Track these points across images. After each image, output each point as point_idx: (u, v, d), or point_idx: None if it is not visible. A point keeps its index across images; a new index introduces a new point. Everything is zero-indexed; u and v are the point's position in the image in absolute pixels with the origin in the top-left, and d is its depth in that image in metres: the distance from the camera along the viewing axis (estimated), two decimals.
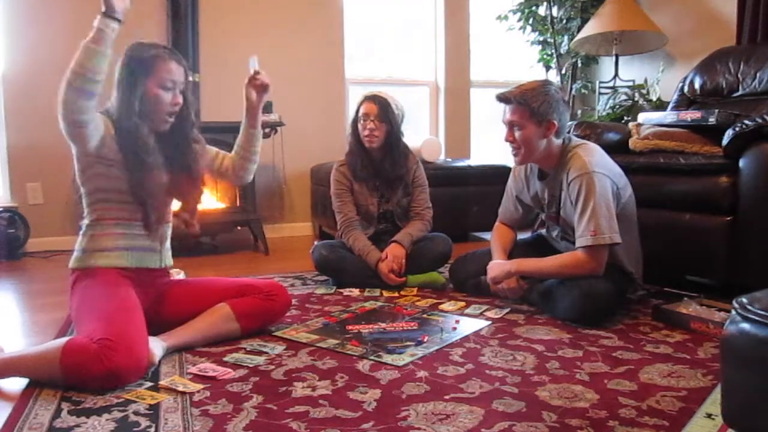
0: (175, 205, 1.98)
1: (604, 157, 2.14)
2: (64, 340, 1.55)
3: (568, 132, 2.70)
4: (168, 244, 1.96)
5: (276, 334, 1.96)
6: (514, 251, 2.37)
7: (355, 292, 2.55)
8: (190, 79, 1.88)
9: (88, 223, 1.81)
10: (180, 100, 1.82)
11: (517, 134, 2.11)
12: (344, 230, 2.70)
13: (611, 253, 2.07)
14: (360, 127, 2.67)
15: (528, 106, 2.07)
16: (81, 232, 1.83)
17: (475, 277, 2.45)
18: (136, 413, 1.40)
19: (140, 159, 1.75)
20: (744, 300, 1.03)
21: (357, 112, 2.70)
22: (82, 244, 1.81)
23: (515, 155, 2.17)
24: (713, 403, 1.42)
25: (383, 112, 2.64)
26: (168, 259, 1.96)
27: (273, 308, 1.98)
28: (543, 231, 2.49)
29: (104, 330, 1.53)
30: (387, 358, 1.73)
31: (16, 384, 1.57)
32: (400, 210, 2.76)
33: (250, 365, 1.68)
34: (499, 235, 2.43)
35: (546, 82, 2.17)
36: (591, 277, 2.03)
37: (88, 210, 1.82)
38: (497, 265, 2.25)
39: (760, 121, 2.14)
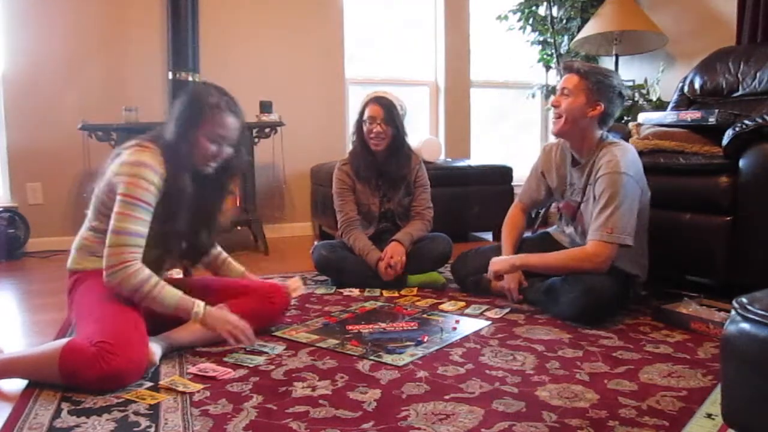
0: None
1: (636, 160, 2.14)
2: (63, 341, 1.55)
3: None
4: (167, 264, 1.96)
5: (276, 334, 1.96)
6: (521, 249, 2.37)
7: (355, 292, 2.55)
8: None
9: (95, 226, 1.79)
10: (224, 154, 1.81)
11: (564, 102, 2.13)
12: (345, 229, 2.70)
13: (617, 255, 2.07)
14: (365, 129, 2.67)
15: (585, 78, 2.11)
16: (82, 233, 1.83)
17: (475, 275, 2.45)
18: (136, 413, 1.40)
19: (174, 201, 1.74)
20: (744, 300, 1.03)
21: (362, 113, 2.69)
22: (82, 246, 1.81)
23: (554, 124, 2.18)
24: (713, 403, 1.42)
25: (389, 114, 2.63)
26: (163, 273, 1.95)
27: (272, 309, 1.98)
28: (550, 229, 2.49)
29: (102, 332, 1.53)
30: (387, 358, 1.73)
31: (16, 384, 1.58)
32: (402, 210, 2.76)
33: (250, 365, 1.68)
34: (511, 228, 2.43)
35: (613, 71, 2.23)
36: (594, 274, 2.04)
37: (99, 216, 1.79)
38: (502, 259, 2.26)
39: (760, 121, 2.14)
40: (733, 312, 1.03)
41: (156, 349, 1.67)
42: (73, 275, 1.80)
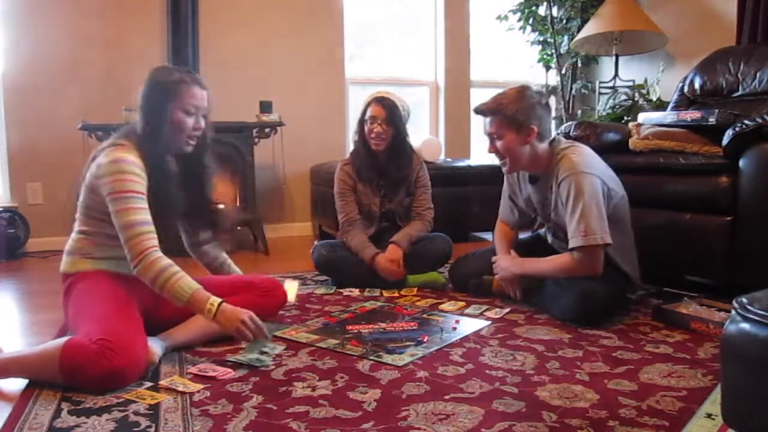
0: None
1: (594, 158, 2.13)
2: (63, 339, 1.55)
3: (565, 133, 2.71)
4: None
5: (276, 334, 1.96)
6: (516, 250, 2.37)
7: (355, 292, 2.55)
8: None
9: (84, 230, 1.81)
10: (202, 125, 1.84)
11: (498, 144, 2.11)
12: (344, 229, 2.70)
13: (607, 255, 2.07)
14: (367, 129, 2.67)
15: (503, 115, 2.07)
16: (73, 237, 1.84)
17: (475, 277, 2.45)
18: (136, 413, 1.40)
19: (164, 188, 1.77)
20: (744, 300, 1.03)
21: (364, 113, 2.69)
22: (74, 248, 1.82)
23: (503, 165, 2.18)
24: (713, 403, 1.42)
25: (390, 115, 2.63)
26: None
27: (268, 304, 1.99)
28: (541, 230, 2.49)
29: (103, 330, 1.53)
30: (387, 358, 1.73)
31: (16, 384, 1.58)
32: (402, 210, 2.75)
33: (260, 366, 1.67)
34: (502, 234, 2.43)
35: (522, 88, 2.14)
36: (590, 278, 2.03)
37: (86, 219, 1.81)
38: (504, 264, 2.25)
39: (760, 121, 2.14)
40: (733, 312, 1.03)
41: (156, 348, 1.67)
42: (68, 278, 1.80)
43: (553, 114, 3.77)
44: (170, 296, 1.67)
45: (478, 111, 2.15)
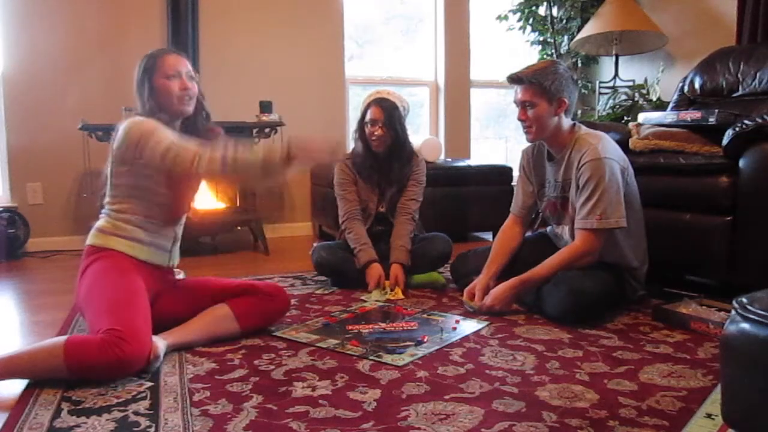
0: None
1: (611, 143, 2.17)
2: (64, 337, 1.57)
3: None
4: (178, 244, 2.01)
5: (276, 334, 1.96)
6: (521, 251, 2.37)
7: (355, 292, 2.55)
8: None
9: (114, 209, 1.86)
10: (189, 84, 1.89)
11: (530, 112, 2.15)
12: (346, 220, 2.68)
13: (615, 251, 2.07)
14: (367, 132, 2.66)
15: (540, 84, 2.11)
16: (103, 215, 1.88)
17: (476, 274, 2.44)
18: (136, 413, 1.40)
19: None
20: (744, 300, 1.03)
21: (364, 115, 2.69)
22: (102, 225, 1.86)
23: (527, 133, 2.20)
24: (713, 403, 1.42)
25: (390, 118, 2.61)
26: (175, 259, 2.01)
27: (272, 308, 1.98)
28: (546, 229, 2.50)
29: (112, 320, 1.56)
30: (387, 358, 1.73)
31: (16, 384, 1.57)
32: (395, 208, 2.74)
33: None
34: (501, 245, 2.37)
35: (555, 62, 2.24)
36: (581, 275, 2.04)
37: (114, 199, 1.87)
38: (499, 292, 2.18)
39: (760, 121, 2.14)
40: (733, 312, 1.03)
41: (160, 345, 1.68)
42: (92, 254, 1.82)
43: None
44: (245, 166, 1.69)
45: (515, 78, 2.17)
